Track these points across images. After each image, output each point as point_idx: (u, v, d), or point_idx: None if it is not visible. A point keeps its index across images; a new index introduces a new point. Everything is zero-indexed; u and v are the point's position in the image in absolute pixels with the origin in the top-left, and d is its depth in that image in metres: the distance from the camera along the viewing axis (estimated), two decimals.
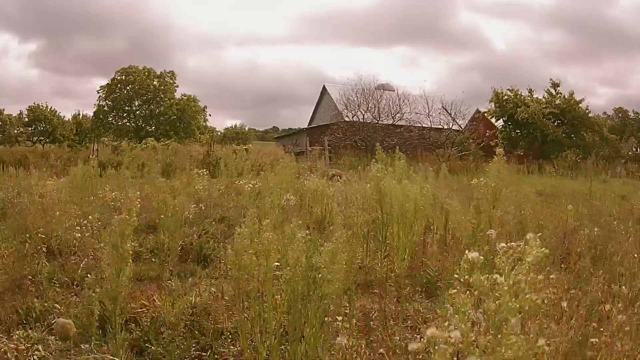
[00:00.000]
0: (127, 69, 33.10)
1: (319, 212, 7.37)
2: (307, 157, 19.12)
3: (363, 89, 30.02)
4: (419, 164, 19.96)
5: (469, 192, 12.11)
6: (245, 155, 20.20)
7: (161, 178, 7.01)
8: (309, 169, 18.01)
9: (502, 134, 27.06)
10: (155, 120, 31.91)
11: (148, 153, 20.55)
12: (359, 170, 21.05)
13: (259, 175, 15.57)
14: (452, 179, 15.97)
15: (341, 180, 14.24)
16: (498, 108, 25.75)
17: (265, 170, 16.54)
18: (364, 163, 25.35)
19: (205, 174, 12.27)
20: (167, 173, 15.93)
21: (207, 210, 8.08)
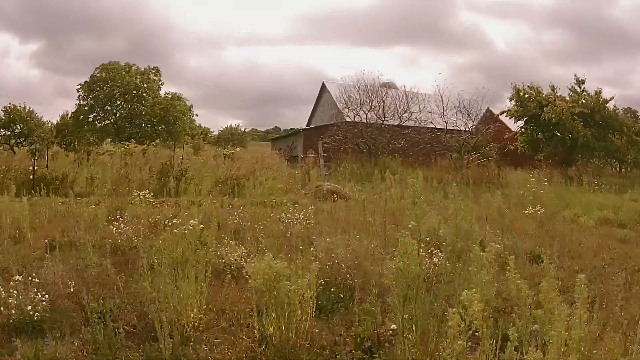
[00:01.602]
0: (107, 66, 30.26)
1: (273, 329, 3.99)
2: (299, 165, 16.15)
3: (366, 85, 27.07)
4: (434, 174, 16.97)
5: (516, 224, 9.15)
6: (225, 164, 17.29)
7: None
8: (301, 180, 15.07)
9: (522, 136, 24.08)
10: (136, 121, 29.01)
11: (105, 162, 17.63)
12: (364, 182, 18.17)
13: (225, 196, 12.64)
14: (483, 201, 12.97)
15: (340, 202, 11.27)
16: (520, 107, 22.72)
17: (241, 186, 13.67)
18: (368, 171, 22.44)
19: (149, 197, 9.41)
20: (117, 192, 13.05)
21: None
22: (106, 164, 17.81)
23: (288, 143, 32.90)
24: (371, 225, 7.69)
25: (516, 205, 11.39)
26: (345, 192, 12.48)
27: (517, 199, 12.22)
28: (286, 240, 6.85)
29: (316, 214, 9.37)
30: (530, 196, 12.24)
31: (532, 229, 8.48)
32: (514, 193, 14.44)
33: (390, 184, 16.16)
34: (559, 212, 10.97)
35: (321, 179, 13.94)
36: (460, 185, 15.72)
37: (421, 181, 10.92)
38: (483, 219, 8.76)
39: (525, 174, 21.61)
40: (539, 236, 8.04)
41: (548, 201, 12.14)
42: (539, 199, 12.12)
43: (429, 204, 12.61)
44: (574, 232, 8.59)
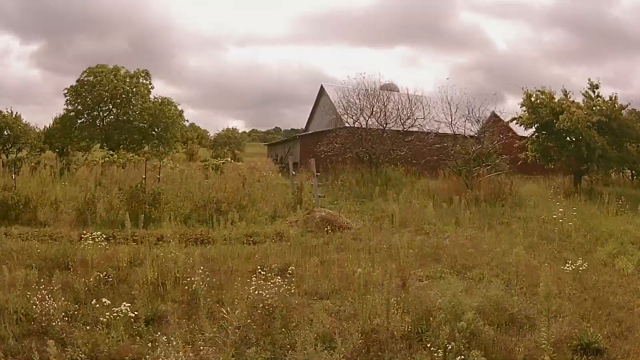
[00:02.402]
0: (94, 69, 28.70)
1: None
2: (291, 181, 14.60)
3: (366, 89, 25.46)
4: (442, 190, 15.37)
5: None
6: (210, 179, 15.73)
7: None
8: (293, 200, 13.49)
9: (533, 145, 22.44)
10: (124, 127, 27.45)
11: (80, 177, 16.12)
12: (363, 200, 16.47)
13: (201, 228, 11.08)
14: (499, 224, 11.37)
15: (335, 235, 9.69)
16: (532, 115, 21.06)
17: (222, 211, 12.08)
18: (369, 185, 20.77)
19: (100, 240, 7.99)
20: (83, 219, 11.53)
21: None
22: (81, 180, 16.30)
23: (285, 149, 31.37)
24: (375, 287, 6.11)
25: (542, 243, 9.80)
26: (341, 221, 10.93)
27: (539, 231, 10.63)
28: (254, 320, 5.29)
29: (303, 262, 7.84)
30: (555, 228, 10.64)
31: (570, 286, 6.89)
32: (534, 216, 12.84)
33: (394, 202, 14.64)
34: (591, 251, 9.38)
35: (315, 201, 12.37)
36: (471, 206, 14.15)
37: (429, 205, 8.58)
38: (511, 277, 7.14)
39: (538, 188, 20.05)
40: (580, 302, 6.44)
41: (574, 231, 10.58)
42: (564, 230, 10.54)
43: (440, 233, 11.16)
44: (617, 290, 7.01)
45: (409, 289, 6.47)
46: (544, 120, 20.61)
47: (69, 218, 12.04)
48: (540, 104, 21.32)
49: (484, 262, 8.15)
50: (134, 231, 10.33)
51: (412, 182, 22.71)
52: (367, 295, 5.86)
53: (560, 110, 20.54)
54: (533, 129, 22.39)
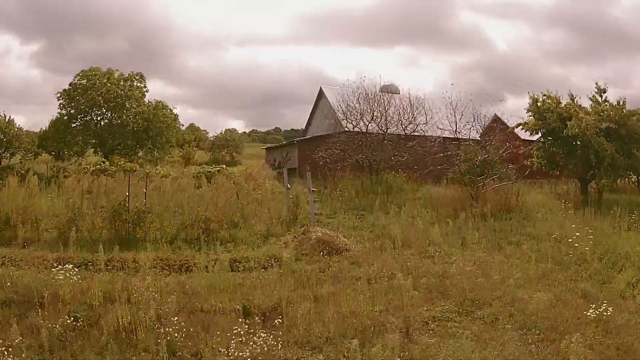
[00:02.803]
0: (88, 72, 27.89)
1: None
2: (286, 195, 13.81)
3: (366, 93, 24.64)
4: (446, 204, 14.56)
5: None
6: (201, 190, 14.93)
7: None
8: (288, 216, 12.68)
9: (539, 151, 21.62)
10: (117, 132, 26.64)
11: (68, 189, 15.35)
12: (363, 213, 15.65)
13: (188, 250, 10.27)
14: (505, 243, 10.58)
15: (332, 260, 8.87)
16: (539, 121, 20.23)
17: (211, 231, 11.27)
18: (369, 195, 19.89)
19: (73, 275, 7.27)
20: (63, 238, 10.73)
21: None
22: (68, 191, 15.52)
23: (283, 154, 30.58)
24: (375, 335, 5.33)
25: (557, 270, 9.00)
26: (338, 242, 10.13)
27: (552, 254, 9.84)
28: None
29: (295, 297, 7.07)
30: (570, 252, 9.84)
31: (592, 330, 6.11)
32: (544, 233, 12.04)
33: (395, 217, 13.85)
34: (608, 279, 8.60)
35: (311, 217, 11.58)
36: (477, 221, 13.37)
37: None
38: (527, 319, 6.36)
39: (544, 197, 19.23)
40: (603, 349, 5.67)
41: (589, 254, 9.79)
42: (579, 254, 9.75)
43: (446, 257, 10.34)
44: None
45: (414, 339, 5.68)
46: (550, 126, 19.79)
47: (51, 237, 11.31)
48: (546, 109, 20.51)
49: (495, 297, 7.37)
50: (115, 256, 9.61)
51: (414, 190, 21.97)
52: (364, 348, 5.09)
53: (567, 116, 19.73)
54: (538, 135, 21.62)
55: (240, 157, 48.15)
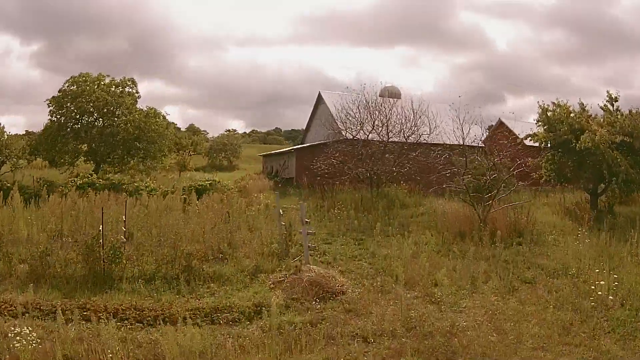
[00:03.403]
0: (77, 78, 26.89)
1: None
2: (278, 222, 12.78)
3: (367, 102, 23.60)
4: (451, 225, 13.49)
5: None
6: (188, 211, 13.90)
7: None
8: (279, 248, 11.68)
9: (547, 163, 20.60)
10: (108, 142, 25.64)
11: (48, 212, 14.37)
12: (363, 236, 14.57)
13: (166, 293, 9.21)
14: None
15: (327, 308, 7.77)
16: (549, 132, 19.18)
17: (192, 269, 10.19)
18: (370, 214, 18.75)
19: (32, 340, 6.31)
20: (35, 274, 9.71)
21: None
22: (48, 214, 14.54)
23: (280, 162, 29.58)
24: None
25: (577, 321, 7.97)
26: (333, 285, 9.12)
27: (571, 299, 8.82)
28: None
29: None
30: (590, 296, 8.80)
31: None
32: (559, 266, 11.03)
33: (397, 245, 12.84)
34: (634, 333, 7.59)
35: (304, 254, 10.56)
36: (485, 248, 12.37)
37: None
38: None
39: (554, 215, 18.18)
40: None
41: (610, 297, 8.77)
42: (600, 299, 8.71)
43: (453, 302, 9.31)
44: None
45: None
46: (561, 138, 18.75)
47: (24, 272, 10.35)
48: (557, 119, 19.47)
49: None
50: (86, 301, 8.66)
51: (417, 204, 20.96)
52: None
53: (579, 127, 18.69)
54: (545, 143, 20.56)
55: (238, 161, 47.17)
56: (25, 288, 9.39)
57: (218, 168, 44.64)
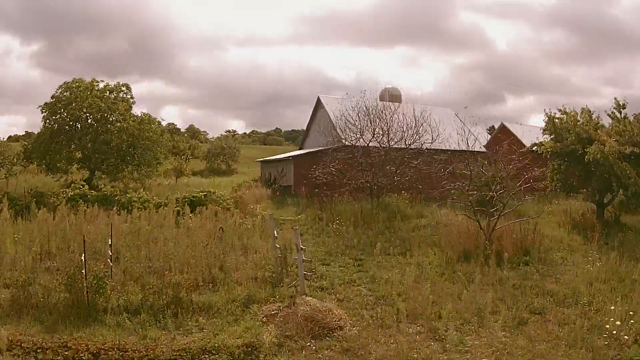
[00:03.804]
0: (70, 84, 26.25)
1: None
2: (273, 243, 12.16)
3: (367, 109, 22.96)
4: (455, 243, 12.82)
5: None
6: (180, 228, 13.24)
7: None
8: (272, 276, 11.06)
9: (553, 173, 19.99)
10: (101, 149, 24.99)
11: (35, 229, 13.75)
12: (362, 256, 13.56)
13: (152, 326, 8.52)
14: None
15: (322, 348, 7.23)
16: (557, 142, 18.55)
17: (180, 301, 9.41)
18: (372, 223, 18.16)
19: None
20: (16, 308, 9.10)
21: None
22: (34, 232, 13.94)
23: (278, 169, 28.95)
24: None
25: None
26: (329, 318, 8.51)
27: (583, 336, 8.19)
28: None
29: None
30: (603, 333, 8.19)
31: None
32: (570, 292, 10.41)
33: (399, 269, 12.26)
34: None
35: (300, 283, 9.94)
36: (491, 270, 11.77)
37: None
38: None
39: (560, 229, 17.50)
40: None
41: (623, 331, 8.16)
42: (614, 337, 8.09)
43: (458, 339, 8.68)
44: None
45: None
46: (569, 148, 18.14)
47: (7, 300, 9.76)
48: (564, 128, 18.85)
49: None
50: (67, 339, 8.07)
51: (419, 214, 20.34)
52: None
53: (586, 137, 18.09)
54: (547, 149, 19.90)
55: (237, 165, 46.55)
56: (7, 319, 8.88)
57: (216, 172, 44.02)
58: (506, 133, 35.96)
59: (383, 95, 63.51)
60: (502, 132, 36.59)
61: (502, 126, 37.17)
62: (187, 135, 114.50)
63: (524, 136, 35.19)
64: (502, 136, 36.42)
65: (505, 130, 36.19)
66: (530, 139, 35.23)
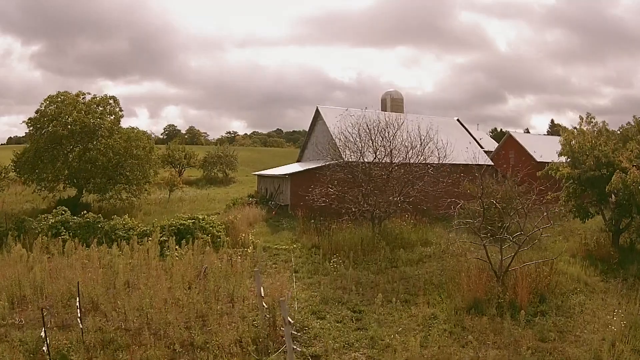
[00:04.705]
0: (55, 98, 24.89)
1: None
2: (259, 300, 10.80)
3: (369, 129, 21.54)
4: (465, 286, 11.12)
5: None
6: (158, 271, 11.82)
7: None
8: (262, 332, 9.72)
9: (567, 196, 18.60)
10: (86, 168, 23.61)
11: None
12: (362, 308, 11.41)
13: None
14: None
15: None
16: (575, 170, 17.13)
17: None
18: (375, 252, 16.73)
19: None
20: None
21: None
22: (5, 279, 12.63)
23: (274, 185, 27.59)
24: None
25: None
26: None
27: None
28: None
29: None
30: None
31: None
32: (594, 356, 9.12)
33: (401, 326, 10.92)
34: None
35: (288, 354, 8.59)
36: (504, 326, 10.44)
37: None
38: None
39: (578, 268, 16.10)
40: None
41: None
42: None
43: None
44: None
45: None
46: (587, 174, 16.76)
47: None
48: (580, 150, 17.44)
49: None
50: None
51: (423, 241, 19.00)
52: None
53: (606, 161, 16.70)
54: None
55: (235, 173, 45.17)
56: None
57: (213, 181, 42.67)
58: (513, 144, 34.60)
59: (384, 99, 61.86)
60: (509, 142, 35.22)
61: (509, 136, 35.75)
62: (187, 137, 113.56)
63: (531, 145, 33.88)
64: (509, 149, 35.13)
65: (512, 141, 34.79)
66: (538, 149, 33.98)
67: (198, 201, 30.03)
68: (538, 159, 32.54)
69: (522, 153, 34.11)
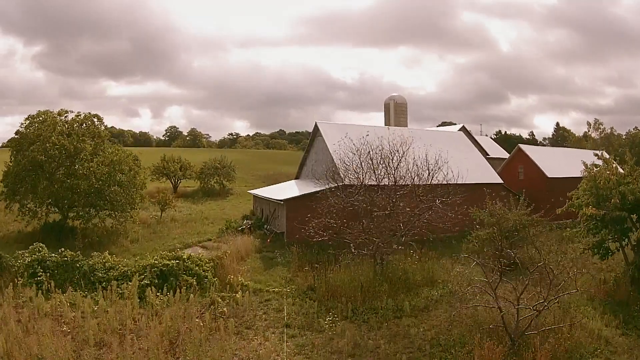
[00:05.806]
0: (35, 118, 23.36)
1: None
2: None
3: (369, 153, 19.94)
4: None
5: None
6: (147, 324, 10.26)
7: None
8: None
9: (588, 231, 17.01)
10: (67, 195, 22.09)
11: None
12: None
13: None
14: None
15: None
16: (600, 211, 15.54)
17: None
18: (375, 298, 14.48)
19: None
20: None
21: None
22: None
23: (270, 208, 26.05)
24: None
25: None
26: None
27: None
28: None
29: None
30: None
31: None
32: None
33: None
34: None
35: None
36: None
37: None
38: None
39: (599, 323, 14.51)
40: None
41: None
42: None
43: None
44: None
45: None
46: (612, 214, 15.20)
47: None
48: (607, 188, 15.80)
49: None
50: None
51: (429, 281, 17.44)
52: None
53: (632, 199, 15.12)
54: None
55: (233, 184, 43.63)
56: None
57: (209, 193, 41.17)
58: (522, 157, 32.95)
59: (388, 104, 59.60)
60: (518, 156, 33.55)
61: (518, 149, 34.06)
62: (189, 139, 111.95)
63: (541, 160, 32.27)
64: (518, 162, 33.45)
65: (521, 154, 33.12)
66: (548, 162, 32.32)
67: (190, 222, 28.50)
68: (549, 175, 30.92)
69: (531, 167, 32.44)
